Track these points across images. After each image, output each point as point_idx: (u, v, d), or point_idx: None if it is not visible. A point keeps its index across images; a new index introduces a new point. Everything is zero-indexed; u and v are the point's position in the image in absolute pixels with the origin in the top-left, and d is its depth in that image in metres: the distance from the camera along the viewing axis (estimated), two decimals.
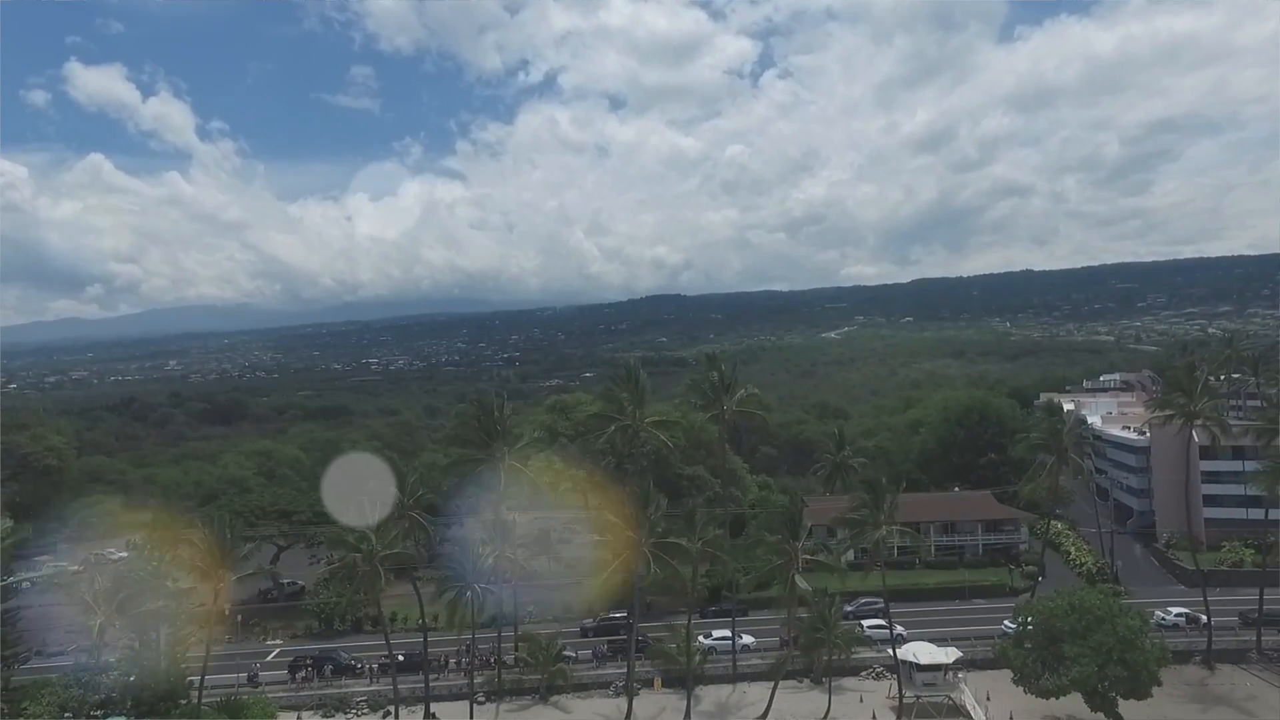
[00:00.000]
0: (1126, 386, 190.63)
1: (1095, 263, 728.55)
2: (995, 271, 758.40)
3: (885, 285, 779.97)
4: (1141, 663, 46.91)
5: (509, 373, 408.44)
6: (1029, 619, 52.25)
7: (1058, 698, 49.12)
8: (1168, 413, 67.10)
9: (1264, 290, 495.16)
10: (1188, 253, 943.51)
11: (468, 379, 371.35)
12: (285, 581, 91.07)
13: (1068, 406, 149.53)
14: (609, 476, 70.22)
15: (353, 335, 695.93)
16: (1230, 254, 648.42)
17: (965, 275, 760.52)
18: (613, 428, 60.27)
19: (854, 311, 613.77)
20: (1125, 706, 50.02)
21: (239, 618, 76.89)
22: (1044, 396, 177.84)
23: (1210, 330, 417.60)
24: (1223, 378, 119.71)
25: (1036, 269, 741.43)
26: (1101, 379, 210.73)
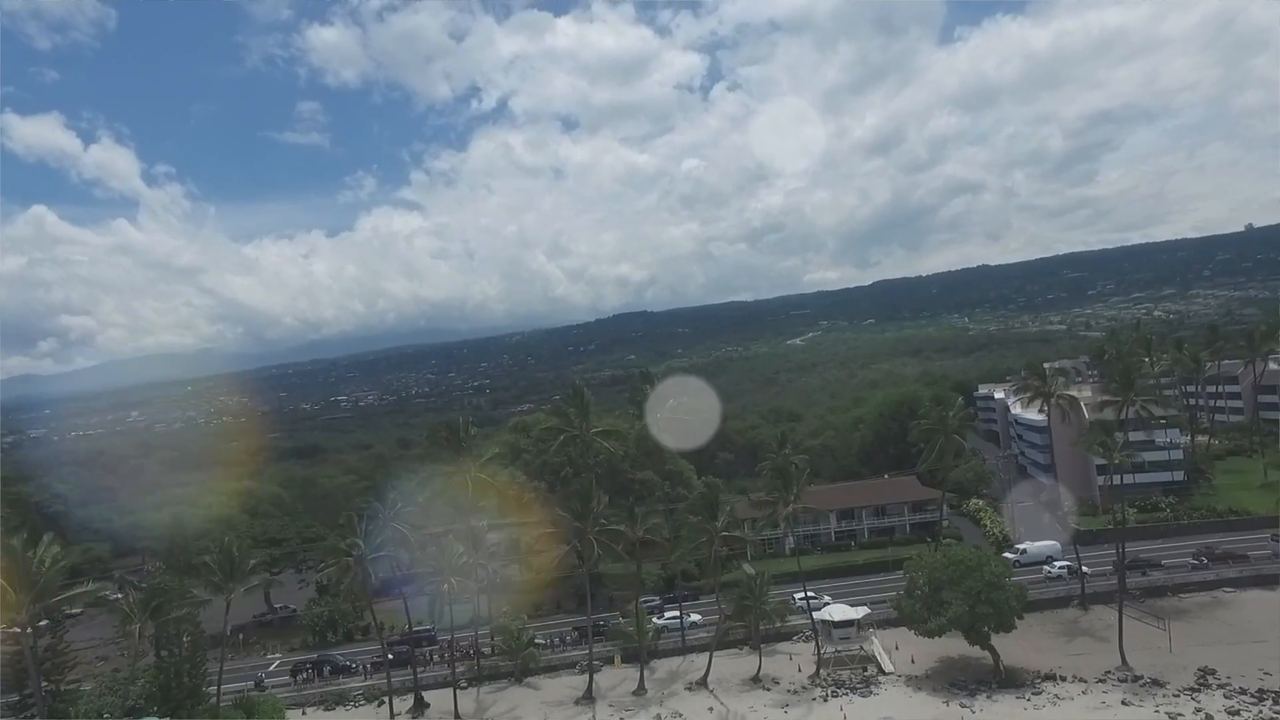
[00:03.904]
0: (1061, 373, 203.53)
1: (1048, 254, 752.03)
2: (953, 269, 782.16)
3: (847, 289, 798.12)
4: (1004, 600, 57.02)
5: (480, 400, 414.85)
6: (918, 574, 62.28)
7: (939, 636, 59.14)
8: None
9: (1204, 271, 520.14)
10: (1136, 238, 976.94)
11: (439, 410, 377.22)
12: (279, 606, 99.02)
13: (997, 395, 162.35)
14: (566, 483, 79.45)
15: (319, 374, 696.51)
16: (1175, 237, 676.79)
17: (924, 274, 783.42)
18: (561, 438, 69.74)
19: (818, 317, 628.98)
20: (1007, 641, 60.34)
21: (240, 636, 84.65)
22: (982, 387, 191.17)
23: (1155, 313, 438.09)
24: (1147, 359, 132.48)
25: (992, 263, 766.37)
26: (1045, 367, 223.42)
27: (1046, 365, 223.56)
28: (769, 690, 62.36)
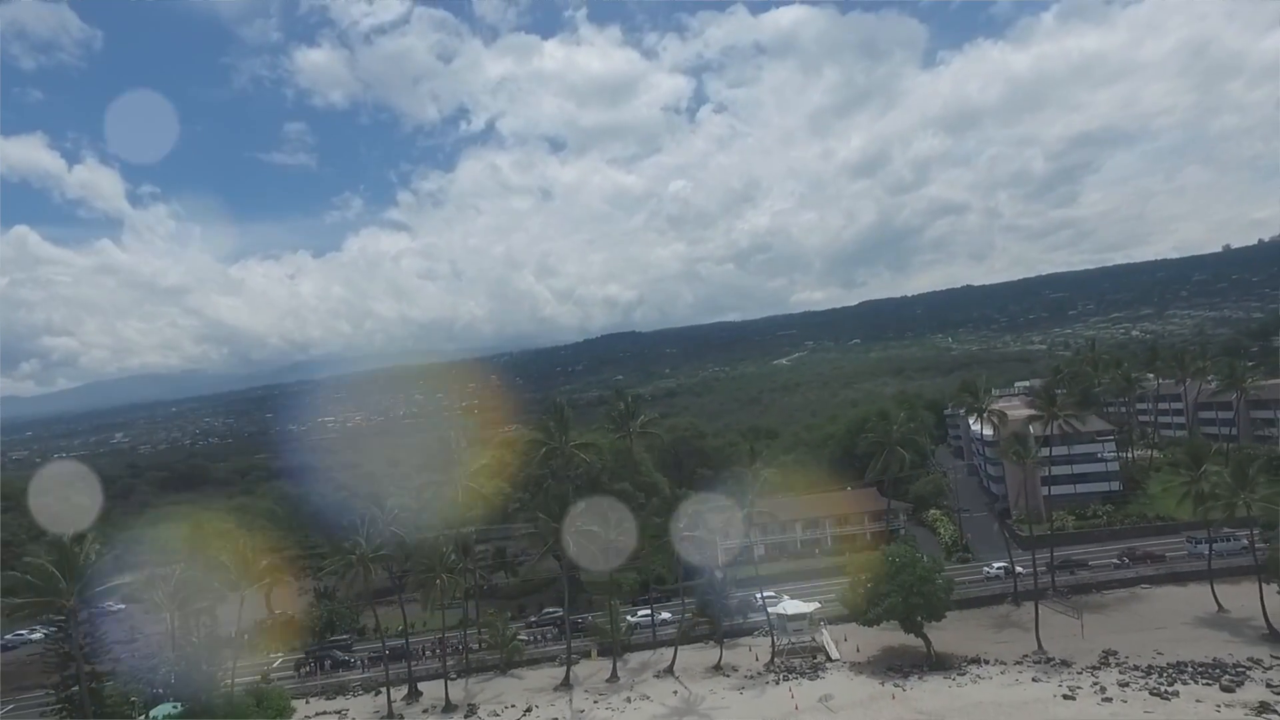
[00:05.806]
0: (1030, 392, 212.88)
1: (1032, 274, 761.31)
2: (938, 289, 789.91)
3: (834, 309, 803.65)
4: (933, 592, 64.40)
5: (468, 421, 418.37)
6: (861, 571, 69.60)
7: (878, 624, 66.53)
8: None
9: (1182, 292, 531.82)
10: (1118, 259, 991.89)
11: (427, 430, 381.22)
12: (277, 611, 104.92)
13: (962, 411, 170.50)
14: (548, 492, 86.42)
15: (306, 394, 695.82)
16: (1156, 258, 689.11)
17: (910, 295, 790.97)
18: (544, 451, 76.98)
19: (804, 337, 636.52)
20: (943, 632, 67.69)
21: (245, 638, 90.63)
22: (951, 406, 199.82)
23: (1134, 333, 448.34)
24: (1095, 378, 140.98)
25: (976, 284, 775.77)
26: (1016, 386, 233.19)
27: (1017, 384, 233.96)
28: (728, 676, 69.37)
